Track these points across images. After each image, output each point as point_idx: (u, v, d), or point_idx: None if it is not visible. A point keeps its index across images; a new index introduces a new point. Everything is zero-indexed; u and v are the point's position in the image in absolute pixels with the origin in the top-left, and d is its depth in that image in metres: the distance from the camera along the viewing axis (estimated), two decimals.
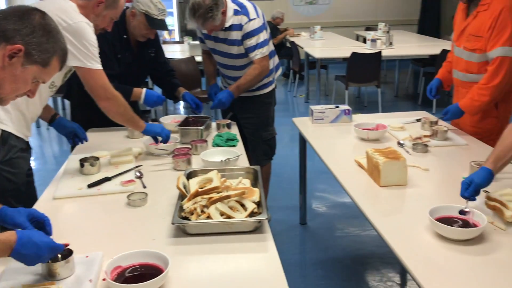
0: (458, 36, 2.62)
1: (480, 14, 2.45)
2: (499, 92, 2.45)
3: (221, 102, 2.79)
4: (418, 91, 7.02)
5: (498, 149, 1.75)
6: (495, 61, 2.39)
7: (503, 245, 1.51)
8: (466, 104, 2.51)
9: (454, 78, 2.74)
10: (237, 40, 2.75)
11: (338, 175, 2.13)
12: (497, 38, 2.36)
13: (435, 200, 1.81)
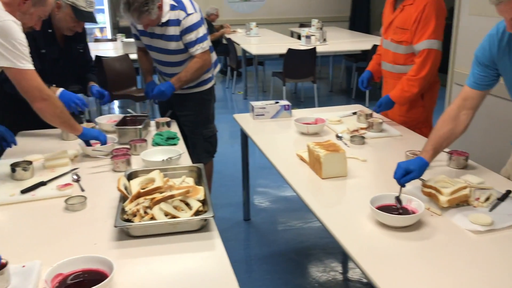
0: (386, 29, 2.76)
1: (406, 7, 2.59)
2: (426, 83, 2.60)
3: (161, 92, 2.72)
4: (351, 86, 7.25)
5: (433, 140, 1.86)
6: (422, 53, 2.54)
7: (439, 229, 1.59)
8: (397, 95, 2.64)
9: (383, 69, 2.88)
10: (175, 36, 2.70)
11: (280, 169, 2.15)
12: (423, 31, 2.51)
13: (375, 189, 1.87)
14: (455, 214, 1.66)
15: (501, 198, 1.74)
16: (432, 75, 2.60)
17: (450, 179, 1.77)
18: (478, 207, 1.70)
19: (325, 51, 6.16)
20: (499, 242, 1.51)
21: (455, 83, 3.74)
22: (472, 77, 1.90)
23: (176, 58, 2.79)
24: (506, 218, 1.61)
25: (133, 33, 2.93)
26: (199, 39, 2.72)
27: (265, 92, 7.23)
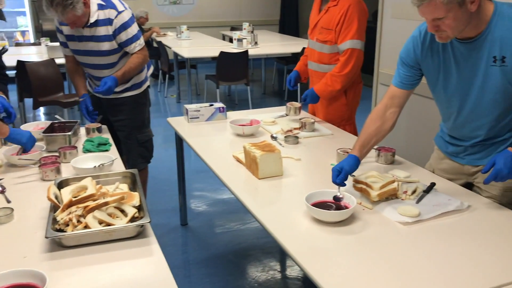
0: (312, 29, 2.89)
1: (330, 9, 2.72)
2: (349, 80, 2.75)
3: (109, 88, 2.62)
4: (283, 88, 7.39)
5: (362, 137, 1.93)
6: (346, 52, 2.67)
7: (371, 222, 1.66)
8: (321, 88, 2.77)
9: (309, 69, 3.00)
10: (108, 36, 2.61)
11: (217, 171, 2.15)
12: (347, 32, 2.64)
13: (309, 187, 1.93)
14: (385, 207, 1.74)
15: (426, 191, 1.85)
16: (354, 74, 2.75)
17: (379, 175, 1.85)
18: (406, 199, 1.80)
19: (257, 54, 6.24)
20: (426, 231, 1.60)
21: (380, 83, 3.91)
22: (397, 77, 1.97)
23: (110, 59, 2.70)
24: (431, 209, 1.71)
25: (61, 40, 2.79)
26: (135, 36, 2.67)
27: (199, 95, 7.19)
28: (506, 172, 1.63)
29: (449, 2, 1.54)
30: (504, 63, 1.66)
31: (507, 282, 1.32)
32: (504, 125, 1.81)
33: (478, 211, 1.73)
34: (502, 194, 1.86)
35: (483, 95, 1.75)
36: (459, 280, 1.33)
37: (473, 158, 1.93)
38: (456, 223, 1.65)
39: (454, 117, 1.89)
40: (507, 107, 1.76)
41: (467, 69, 1.75)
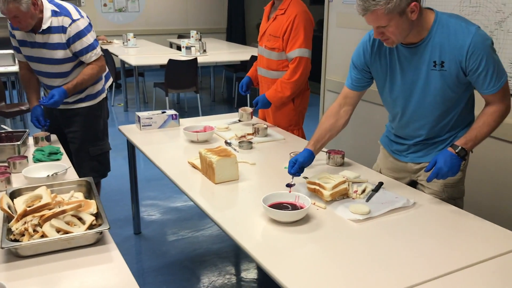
0: (261, 36, 3.00)
1: (278, 17, 2.83)
2: (298, 87, 2.87)
3: (55, 102, 2.54)
4: (233, 95, 7.46)
5: (318, 133, 2.07)
6: (295, 60, 2.79)
7: (325, 221, 1.74)
8: (271, 95, 2.88)
9: (259, 75, 3.10)
10: (62, 44, 2.56)
11: (173, 178, 2.17)
12: (294, 41, 2.76)
13: (265, 189, 1.97)
14: (337, 206, 1.83)
15: (375, 190, 1.96)
16: (303, 81, 2.87)
17: (330, 175, 1.94)
18: (357, 198, 1.90)
19: (206, 62, 6.27)
20: (376, 227, 1.70)
21: (327, 90, 4.06)
22: (350, 79, 2.08)
23: (63, 68, 2.64)
24: (380, 207, 1.81)
25: (13, 45, 2.71)
26: (91, 45, 2.62)
27: (147, 103, 7.12)
28: (446, 170, 1.77)
29: (390, 12, 1.66)
30: (443, 67, 1.80)
31: (451, 270, 1.43)
32: (444, 126, 1.95)
33: (423, 207, 1.85)
34: (443, 190, 2.01)
35: (425, 97, 1.89)
36: (407, 270, 1.43)
37: (415, 156, 2.06)
38: (403, 219, 1.76)
39: (399, 117, 2.02)
40: (446, 109, 1.90)
41: (411, 73, 1.88)
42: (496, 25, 2.60)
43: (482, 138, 1.84)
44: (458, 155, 1.80)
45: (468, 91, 1.91)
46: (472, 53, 1.73)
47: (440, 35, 1.78)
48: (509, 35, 2.56)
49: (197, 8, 9.95)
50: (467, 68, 1.76)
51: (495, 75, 1.76)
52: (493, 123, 1.83)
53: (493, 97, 1.81)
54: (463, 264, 1.46)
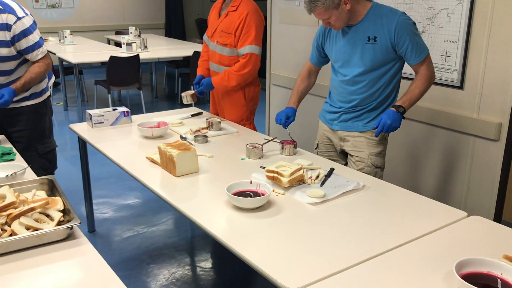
0: (213, 32, 3.06)
1: (230, 13, 2.92)
2: (244, 80, 2.99)
3: (6, 102, 2.50)
4: (175, 91, 7.45)
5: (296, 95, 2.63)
6: (246, 56, 2.92)
7: (285, 205, 1.87)
8: (217, 81, 3.00)
9: (211, 69, 3.18)
10: (5, 41, 2.51)
11: (134, 173, 2.21)
12: (246, 37, 2.88)
13: (225, 179, 2.07)
14: (295, 192, 1.96)
15: (327, 175, 2.11)
16: (250, 76, 2.98)
17: (287, 163, 2.07)
18: (312, 184, 2.04)
19: (148, 58, 6.23)
20: (331, 209, 1.85)
21: (273, 84, 4.21)
22: (313, 57, 2.60)
23: (7, 66, 2.59)
24: (334, 190, 1.97)
25: None
26: (37, 43, 2.60)
27: (87, 101, 6.97)
28: (390, 122, 2.20)
29: (327, 8, 2.16)
30: (375, 42, 2.25)
31: (402, 243, 1.60)
32: (373, 93, 2.35)
33: (372, 189, 2.03)
34: (368, 157, 2.37)
35: (361, 65, 2.29)
36: (363, 245, 1.58)
37: (345, 125, 2.44)
38: (355, 200, 1.92)
39: (340, 81, 2.41)
40: (376, 77, 2.31)
41: (351, 45, 2.31)
42: (428, 20, 2.84)
43: (416, 99, 2.27)
44: (398, 111, 2.23)
45: (394, 68, 2.31)
46: (399, 30, 2.19)
47: (374, 17, 2.24)
48: (439, 29, 2.80)
49: (134, 4, 9.80)
50: (396, 43, 2.21)
51: (419, 48, 2.22)
52: (423, 87, 2.26)
53: (419, 67, 2.26)
54: (411, 237, 1.63)
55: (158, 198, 2.00)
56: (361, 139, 2.40)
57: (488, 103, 2.66)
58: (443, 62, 2.81)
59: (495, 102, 2.62)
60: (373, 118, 2.39)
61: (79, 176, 3.23)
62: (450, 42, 2.76)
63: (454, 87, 2.80)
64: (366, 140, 2.38)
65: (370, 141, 2.38)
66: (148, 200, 3.71)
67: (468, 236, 1.66)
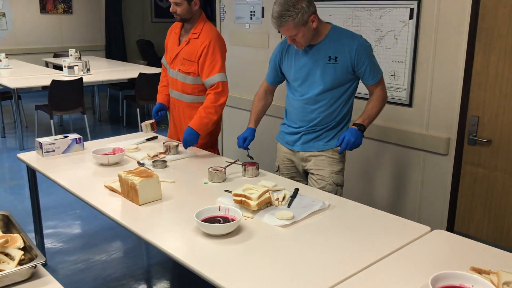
0: (173, 60, 2.96)
1: (192, 41, 2.85)
2: (222, 110, 2.90)
3: None
4: (120, 114, 7.27)
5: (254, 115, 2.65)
6: (217, 85, 2.80)
7: (255, 229, 1.86)
8: (196, 123, 2.78)
9: (171, 97, 3.08)
10: None
11: (93, 203, 2.12)
12: (213, 66, 2.79)
13: (190, 205, 2.04)
14: (264, 214, 1.96)
15: (293, 196, 2.13)
16: (225, 104, 2.89)
17: (253, 186, 2.06)
18: (279, 205, 2.05)
19: (92, 81, 6.06)
20: (301, 230, 1.86)
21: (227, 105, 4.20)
22: (269, 76, 2.63)
23: None
24: (302, 211, 1.98)
25: None
26: None
27: (27, 127, 6.64)
28: (353, 140, 2.30)
29: (297, 24, 2.20)
30: (336, 61, 2.32)
31: (373, 261, 1.63)
32: (332, 112, 2.41)
33: (337, 208, 2.06)
34: (330, 176, 2.43)
35: (321, 84, 2.35)
36: (336, 266, 1.60)
37: (306, 146, 2.48)
38: (323, 220, 1.95)
39: (299, 101, 2.44)
40: (336, 96, 2.38)
41: (311, 65, 2.36)
42: (376, 42, 2.96)
43: (373, 118, 2.39)
44: (359, 129, 2.33)
45: (351, 88, 2.40)
46: (359, 52, 2.29)
47: (335, 38, 2.33)
48: (387, 50, 2.93)
49: (72, 25, 9.52)
50: (356, 64, 2.31)
51: (375, 70, 2.35)
52: (379, 106, 2.39)
53: (375, 87, 2.38)
54: (381, 255, 1.67)
55: (111, 227, 1.94)
56: (323, 158, 2.45)
57: (436, 120, 2.80)
58: (392, 82, 2.94)
59: (443, 118, 2.77)
60: (332, 137, 2.44)
61: (23, 207, 3.06)
62: (398, 62, 2.90)
63: (404, 105, 2.93)
64: (327, 159, 2.43)
65: (331, 159, 2.43)
66: (101, 228, 3.57)
67: (434, 250, 1.72)
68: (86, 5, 9.62)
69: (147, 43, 10.44)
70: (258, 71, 3.85)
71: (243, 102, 4.00)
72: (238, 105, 4.04)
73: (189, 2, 2.79)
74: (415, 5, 2.74)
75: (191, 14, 2.83)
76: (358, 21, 3.04)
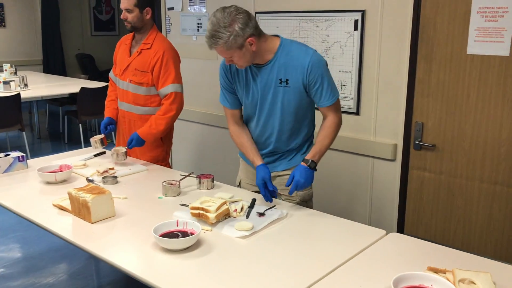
0: (123, 71, 2.89)
1: (144, 51, 2.81)
2: (172, 122, 2.86)
3: None
4: (61, 131, 7.00)
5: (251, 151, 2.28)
6: (170, 96, 2.78)
7: (214, 242, 1.83)
8: (145, 132, 2.78)
9: (121, 109, 3.00)
10: None
11: (42, 223, 2.01)
12: (166, 76, 2.76)
13: (146, 221, 1.98)
14: (223, 227, 1.93)
15: (251, 206, 2.12)
16: (177, 115, 2.86)
17: (210, 198, 2.04)
18: (238, 217, 2.03)
19: (30, 97, 5.79)
20: (261, 240, 1.85)
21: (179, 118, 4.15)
22: (226, 101, 2.32)
23: None
24: (260, 221, 1.97)
25: None
26: None
27: None
28: (303, 181, 2.08)
29: (229, 48, 1.98)
30: (287, 84, 2.11)
31: (335, 267, 1.65)
32: (289, 136, 2.24)
33: (295, 216, 2.07)
34: (296, 194, 2.27)
35: (273, 109, 2.17)
36: (297, 274, 1.60)
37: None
38: (282, 229, 1.95)
39: (254, 127, 2.29)
40: (291, 120, 2.19)
41: (262, 88, 2.16)
42: (323, 53, 3.04)
43: (325, 150, 2.18)
44: (310, 167, 2.12)
45: (308, 110, 2.23)
46: (311, 70, 2.06)
47: (285, 57, 2.10)
48: (334, 61, 3.01)
49: (6, 39, 9.08)
50: (308, 83, 2.09)
51: (330, 89, 2.12)
52: (331, 135, 2.18)
53: (329, 110, 2.16)
54: (342, 260, 1.69)
55: (58, 248, 1.85)
56: (287, 177, 2.24)
57: (383, 126, 2.90)
58: (340, 91, 3.02)
59: (389, 125, 2.87)
60: (296, 154, 2.30)
61: None
62: (344, 72, 2.98)
63: (351, 113, 3.01)
64: None
65: None
66: (47, 250, 3.39)
67: (392, 253, 1.76)
68: (20, 17, 9.22)
69: (87, 56, 10.15)
70: (207, 83, 3.83)
71: (193, 115, 3.97)
72: (188, 117, 4.00)
73: (141, 10, 2.75)
74: (359, 16, 2.84)
75: (142, 23, 2.80)
76: (305, 32, 3.11)
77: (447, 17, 2.55)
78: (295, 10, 3.14)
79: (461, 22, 2.50)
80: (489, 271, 1.53)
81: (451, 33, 2.55)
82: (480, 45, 2.46)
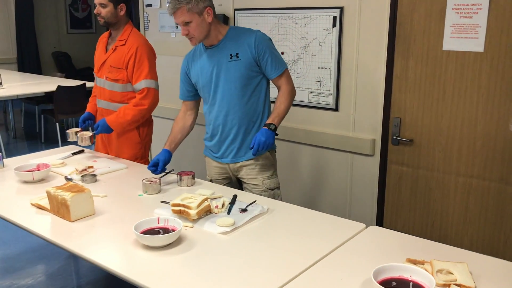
0: (100, 67, 2.87)
1: (119, 48, 2.79)
2: (141, 116, 2.84)
3: None
4: (37, 130, 6.88)
5: (171, 136, 2.54)
6: (142, 91, 2.77)
7: (196, 239, 1.83)
8: (111, 119, 2.78)
9: (99, 107, 2.98)
10: None
11: (20, 222, 1.98)
12: (140, 72, 2.75)
13: (126, 219, 1.97)
14: (204, 223, 1.94)
15: (232, 202, 2.12)
16: (149, 111, 2.85)
17: (191, 195, 2.04)
18: (219, 213, 2.03)
19: (5, 96, 5.67)
20: (242, 236, 1.86)
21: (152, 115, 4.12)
22: (182, 91, 2.57)
23: None
24: (242, 217, 1.98)
25: None
26: None
27: None
28: (264, 139, 2.25)
29: (190, 9, 2.20)
30: (238, 58, 2.32)
31: (315, 261, 1.67)
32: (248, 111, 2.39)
33: (275, 211, 2.09)
34: (262, 183, 2.46)
35: (229, 84, 2.34)
36: (279, 269, 1.61)
37: (235, 157, 2.46)
38: (263, 224, 1.96)
39: (211, 108, 2.44)
40: (248, 94, 2.36)
41: (215, 66, 2.36)
42: (302, 49, 3.05)
43: (283, 114, 2.36)
44: (270, 129, 2.29)
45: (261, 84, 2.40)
46: (258, 44, 2.30)
47: (234, 36, 2.35)
48: (313, 57, 3.03)
49: None
50: (257, 56, 2.31)
51: (278, 62, 2.35)
52: (286, 101, 2.37)
53: (280, 81, 2.37)
54: (322, 254, 1.71)
55: (36, 248, 1.83)
56: (253, 166, 2.45)
57: (362, 122, 2.93)
58: (319, 87, 3.04)
59: (368, 121, 2.90)
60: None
61: None
62: (323, 69, 3.00)
63: (330, 109, 3.04)
64: (257, 167, 2.45)
65: (261, 166, 2.45)
66: (25, 251, 3.34)
67: (372, 246, 1.79)
68: None
69: (64, 54, 9.99)
70: None
71: (170, 112, 3.94)
72: (166, 115, 3.98)
73: (115, 5, 2.74)
74: (337, 13, 2.87)
75: (116, 18, 2.78)
76: (284, 29, 3.12)
77: (423, 14, 2.59)
78: (274, 7, 3.15)
79: (437, 18, 2.55)
80: (466, 261, 1.57)
81: (427, 30, 2.59)
82: (455, 41, 2.52)
